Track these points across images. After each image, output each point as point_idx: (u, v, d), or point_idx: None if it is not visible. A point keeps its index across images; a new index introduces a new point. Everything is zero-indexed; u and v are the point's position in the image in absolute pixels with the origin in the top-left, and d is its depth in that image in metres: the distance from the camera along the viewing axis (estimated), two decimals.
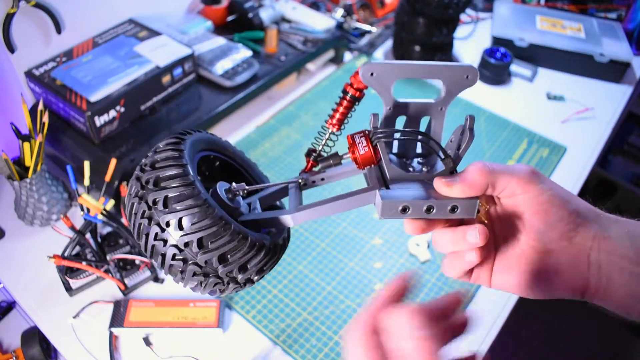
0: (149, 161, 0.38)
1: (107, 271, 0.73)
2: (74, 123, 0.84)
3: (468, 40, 1.31)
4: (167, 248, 0.35)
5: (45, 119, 0.75)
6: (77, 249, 0.76)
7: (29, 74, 0.86)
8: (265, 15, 1.10)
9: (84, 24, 0.94)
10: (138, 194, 0.37)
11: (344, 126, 0.42)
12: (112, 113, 0.83)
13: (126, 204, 0.38)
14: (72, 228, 0.73)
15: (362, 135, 0.38)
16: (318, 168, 0.43)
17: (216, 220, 0.35)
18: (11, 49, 0.83)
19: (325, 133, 0.42)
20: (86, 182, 0.74)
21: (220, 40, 1.01)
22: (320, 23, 1.12)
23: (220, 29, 1.09)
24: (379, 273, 0.79)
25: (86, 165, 0.73)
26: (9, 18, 0.81)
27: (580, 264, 0.37)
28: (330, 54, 1.17)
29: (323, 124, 0.42)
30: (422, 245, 0.82)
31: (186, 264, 0.36)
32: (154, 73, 0.88)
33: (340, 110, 0.41)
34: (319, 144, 0.43)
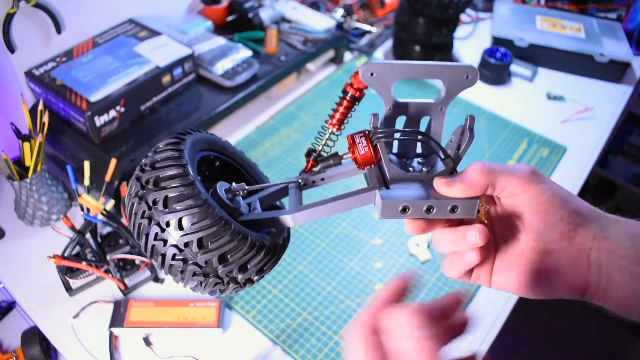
0: (149, 161, 0.38)
1: (107, 271, 0.73)
2: (74, 123, 0.84)
3: (468, 40, 1.31)
4: (167, 248, 0.35)
5: (45, 119, 0.75)
6: (77, 249, 0.76)
7: (29, 74, 0.86)
8: (265, 15, 1.10)
9: (84, 24, 0.94)
10: (138, 194, 0.37)
11: (344, 126, 0.42)
12: (112, 113, 0.83)
13: (126, 204, 0.38)
14: (72, 228, 0.73)
15: (362, 135, 0.38)
16: (318, 168, 0.43)
17: (216, 220, 0.35)
18: (11, 49, 0.83)
19: (325, 133, 0.42)
20: (86, 182, 0.74)
21: (220, 40, 1.01)
22: (320, 23, 1.12)
23: (220, 29, 1.09)
24: (379, 273, 0.79)
25: (86, 165, 0.73)
26: (9, 18, 0.81)
27: (580, 264, 0.37)
28: (330, 54, 1.17)
29: (323, 124, 0.42)
30: (422, 245, 0.82)
31: (186, 264, 0.36)
32: (154, 73, 0.88)
33: (340, 110, 0.41)
34: (319, 144, 0.43)
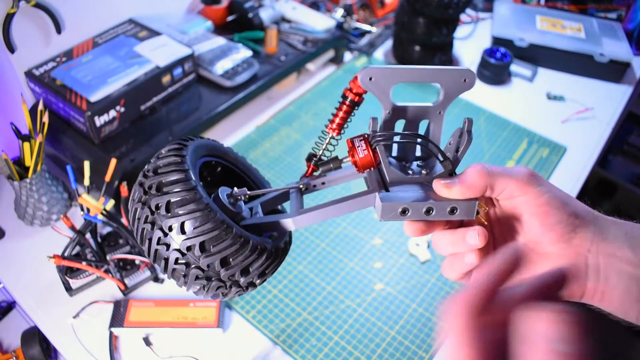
0: (152, 167, 0.38)
1: (107, 271, 0.74)
2: (74, 123, 0.84)
3: (468, 40, 1.31)
4: (170, 252, 0.36)
5: (45, 119, 0.75)
6: (77, 249, 0.76)
7: (29, 74, 0.86)
8: (265, 15, 1.10)
9: (84, 24, 0.94)
10: (141, 199, 0.37)
11: (344, 130, 0.43)
12: (112, 113, 0.83)
13: (129, 209, 0.39)
14: (72, 228, 0.73)
15: (362, 139, 0.38)
16: (318, 172, 0.43)
17: (218, 224, 0.35)
18: (11, 49, 0.83)
19: (325, 138, 0.43)
20: (86, 182, 0.74)
21: (220, 40, 1.01)
22: (320, 23, 1.12)
23: (220, 29, 1.09)
24: (379, 273, 0.79)
25: (86, 165, 0.73)
26: (9, 18, 0.81)
27: (579, 266, 0.37)
28: (330, 54, 1.17)
29: (323, 129, 0.43)
30: (422, 246, 0.82)
31: (189, 268, 0.36)
32: (154, 73, 0.88)
33: (339, 114, 0.41)
34: (319, 149, 0.43)
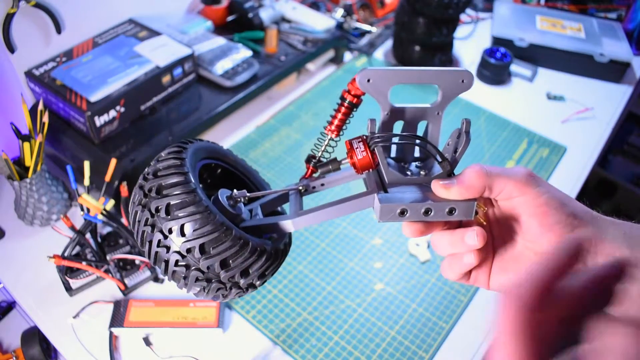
0: (152, 170, 0.38)
1: (107, 271, 0.74)
2: (74, 123, 0.84)
3: (468, 40, 1.31)
4: (170, 254, 0.36)
5: (45, 119, 0.75)
6: (77, 249, 0.76)
7: (29, 74, 0.86)
8: (265, 15, 1.10)
9: (84, 24, 0.94)
10: (141, 202, 0.37)
11: (343, 132, 0.43)
12: (112, 113, 0.84)
13: (130, 212, 0.39)
14: (72, 228, 0.73)
15: (360, 140, 0.38)
16: (317, 174, 0.43)
17: (217, 226, 0.36)
18: (11, 49, 0.83)
19: (324, 139, 0.43)
20: (86, 182, 0.74)
21: (220, 40, 1.01)
22: (320, 23, 1.12)
23: (220, 29, 1.09)
24: (379, 273, 0.79)
25: (86, 165, 0.73)
26: (9, 18, 0.81)
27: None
28: (330, 54, 1.17)
29: (322, 130, 0.43)
30: (422, 246, 0.82)
31: (189, 270, 0.36)
32: (154, 73, 0.88)
33: (338, 116, 0.41)
34: (318, 150, 0.43)
